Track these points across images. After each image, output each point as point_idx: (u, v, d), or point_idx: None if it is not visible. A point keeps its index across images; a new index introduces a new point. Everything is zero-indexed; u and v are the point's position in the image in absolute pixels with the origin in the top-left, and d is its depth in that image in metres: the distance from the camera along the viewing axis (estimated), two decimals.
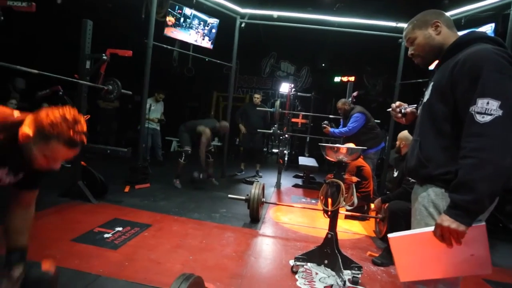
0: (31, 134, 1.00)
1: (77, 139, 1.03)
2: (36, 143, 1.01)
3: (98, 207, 3.08)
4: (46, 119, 0.99)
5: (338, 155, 2.03)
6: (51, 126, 0.99)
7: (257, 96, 5.32)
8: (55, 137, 1.00)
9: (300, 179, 5.72)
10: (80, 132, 1.04)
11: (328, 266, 2.15)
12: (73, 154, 1.07)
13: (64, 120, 1.00)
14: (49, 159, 1.04)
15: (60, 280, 1.78)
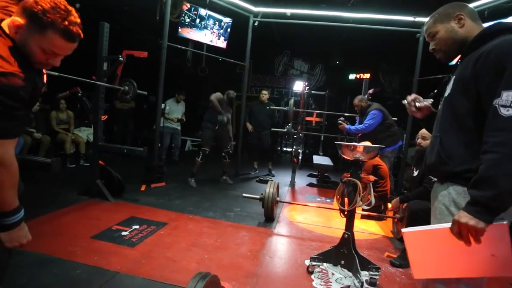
0: (23, 22, 0.91)
1: (74, 30, 0.95)
2: (31, 34, 0.92)
3: (115, 205, 3.15)
4: (36, 6, 0.90)
5: (355, 153, 1.98)
6: (42, 13, 0.90)
7: (265, 92, 5.27)
8: (50, 26, 0.91)
9: (314, 178, 5.66)
10: (75, 23, 0.96)
11: (345, 266, 2.11)
12: (71, 49, 1.00)
13: (55, 8, 0.92)
14: (48, 53, 0.96)
15: (81, 276, 1.84)
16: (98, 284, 1.76)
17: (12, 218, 0.97)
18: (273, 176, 5.22)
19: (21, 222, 1.01)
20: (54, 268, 1.88)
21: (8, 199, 0.95)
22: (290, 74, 9.49)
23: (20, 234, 1.01)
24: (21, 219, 1.00)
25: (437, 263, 0.97)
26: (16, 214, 0.98)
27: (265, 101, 5.24)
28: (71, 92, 3.73)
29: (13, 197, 0.97)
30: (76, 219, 2.69)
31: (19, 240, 1.01)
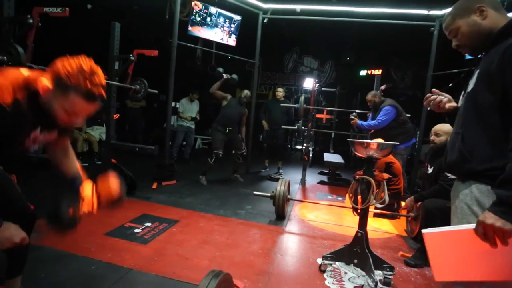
0: (50, 86, 0.98)
1: (95, 92, 1.00)
2: (56, 96, 0.99)
3: (128, 203, 3.19)
4: (62, 70, 0.96)
5: (368, 150, 1.94)
6: (68, 76, 0.95)
7: (280, 90, 5.21)
8: (73, 89, 0.97)
9: (325, 176, 5.60)
10: (98, 84, 1.00)
11: (358, 265, 2.08)
12: (93, 109, 1.04)
13: (80, 71, 0.97)
14: (70, 113, 1.02)
15: (96, 271, 1.87)
16: (112, 280, 1.78)
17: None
18: (281, 174, 5.19)
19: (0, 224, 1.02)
20: (70, 264, 1.92)
21: None
22: (300, 71, 9.42)
23: (5, 236, 1.02)
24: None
25: (459, 265, 0.94)
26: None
27: (281, 98, 5.19)
28: None
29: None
30: (89, 217, 2.73)
31: (9, 241, 1.03)
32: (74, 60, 0.98)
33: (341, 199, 4.08)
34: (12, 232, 1.04)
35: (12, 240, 1.04)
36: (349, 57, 8.58)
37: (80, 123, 1.13)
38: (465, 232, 0.90)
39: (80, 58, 1.00)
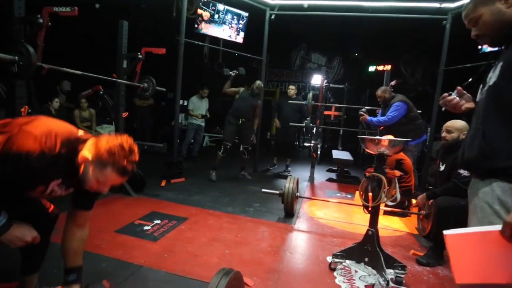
0: (90, 158, 1.05)
1: (129, 168, 1.08)
2: (92, 167, 1.06)
3: (137, 201, 3.22)
4: (105, 146, 1.04)
5: (379, 147, 1.91)
6: (109, 154, 1.04)
7: (292, 87, 5.15)
8: (111, 165, 1.05)
9: (334, 173, 5.56)
10: (133, 161, 1.09)
11: (369, 264, 2.05)
12: (122, 181, 1.13)
13: (121, 149, 1.05)
14: (101, 183, 1.10)
15: (107, 268, 1.89)
16: (123, 276, 1.80)
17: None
18: (289, 171, 5.16)
19: (9, 226, 1.06)
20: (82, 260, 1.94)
21: None
22: (307, 67, 9.34)
23: (16, 235, 1.07)
24: (4, 224, 1.05)
25: (482, 267, 0.90)
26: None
27: (293, 96, 5.14)
28: (93, 91, 3.83)
29: None
30: (100, 214, 2.76)
31: (20, 240, 1.08)
32: (116, 138, 1.07)
33: (350, 196, 4.04)
34: (22, 231, 1.08)
35: (24, 239, 1.08)
36: (357, 53, 8.47)
37: (106, 191, 1.19)
38: (491, 234, 0.87)
39: (122, 137, 1.09)
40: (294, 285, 1.88)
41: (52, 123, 1.09)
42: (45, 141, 0.99)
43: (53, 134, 1.03)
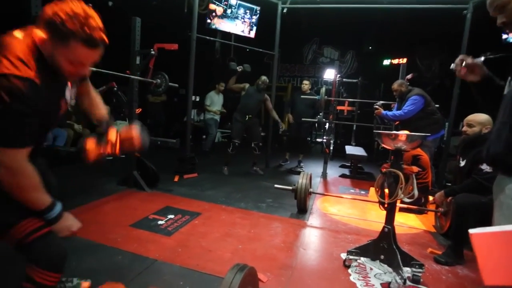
0: (46, 36, 0.90)
1: (96, 36, 0.92)
2: (55, 47, 0.92)
3: (151, 195, 3.26)
4: (54, 17, 0.87)
5: (396, 142, 1.85)
6: (62, 24, 0.87)
7: (306, 83, 5.06)
8: (71, 36, 0.89)
9: (347, 169, 5.48)
10: (96, 27, 0.92)
11: (385, 262, 2.00)
12: (97, 56, 0.98)
13: (74, 15, 0.88)
14: (75, 63, 0.96)
15: (123, 262, 1.92)
16: (138, 270, 1.82)
17: (50, 214, 1.02)
18: (301, 167, 5.12)
19: (62, 216, 1.06)
20: (98, 253, 1.99)
21: (35, 200, 0.99)
22: (320, 62, 9.20)
23: (66, 225, 1.07)
24: (59, 214, 1.05)
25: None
26: (52, 211, 1.02)
27: (307, 91, 5.06)
28: (108, 87, 3.89)
29: (39, 198, 1.00)
30: (115, 208, 2.82)
31: (68, 230, 1.08)
32: (63, 4, 0.89)
33: (364, 193, 3.97)
34: (71, 221, 1.09)
35: (71, 229, 1.08)
36: (372, 46, 8.27)
37: (88, 72, 1.10)
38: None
39: (70, 2, 0.90)
40: (308, 281, 1.86)
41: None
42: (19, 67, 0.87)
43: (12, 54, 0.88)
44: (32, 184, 0.96)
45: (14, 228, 0.98)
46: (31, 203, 0.98)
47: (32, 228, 0.99)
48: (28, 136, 0.93)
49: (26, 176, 0.94)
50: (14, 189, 0.94)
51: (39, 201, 0.99)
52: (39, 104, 0.92)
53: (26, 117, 0.90)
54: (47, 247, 1.02)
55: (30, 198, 0.97)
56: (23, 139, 0.92)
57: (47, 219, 1.02)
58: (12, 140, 0.90)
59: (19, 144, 0.91)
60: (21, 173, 0.93)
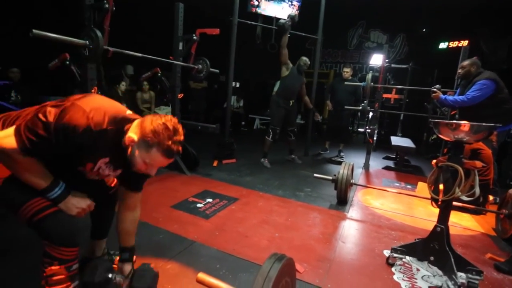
0: (136, 139, 1.06)
1: (174, 149, 1.06)
2: (139, 148, 1.07)
3: (191, 179, 3.36)
4: (150, 127, 1.04)
5: (456, 133, 1.64)
6: (153, 134, 1.03)
7: (347, 70, 4.76)
8: (156, 146, 1.04)
9: (391, 161, 5.14)
10: (178, 142, 1.07)
11: (435, 264, 1.83)
12: (168, 163, 1.11)
13: (165, 129, 1.04)
14: (147, 165, 1.10)
15: (164, 240, 2.00)
16: (178, 250, 1.88)
17: (51, 193, 1.09)
18: (342, 157, 4.90)
19: (66, 195, 1.12)
20: (141, 231, 2.07)
21: (31, 183, 1.06)
22: (365, 47, 8.65)
23: (72, 203, 1.14)
24: (62, 193, 1.11)
25: None
26: (52, 191, 1.09)
27: (348, 78, 4.77)
28: (152, 73, 4.02)
29: (34, 179, 1.07)
30: (158, 189, 2.95)
31: (75, 208, 1.14)
32: (160, 118, 1.06)
33: (411, 187, 3.69)
34: (78, 200, 1.16)
35: (79, 206, 1.15)
36: (425, 28, 7.53)
37: (153, 174, 1.20)
38: None
39: (166, 117, 1.08)
40: (347, 276, 1.78)
41: (102, 100, 1.10)
42: (93, 116, 1.01)
43: (102, 110, 1.04)
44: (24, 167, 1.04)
45: (21, 208, 1.07)
46: (31, 184, 1.07)
47: (38, 208, 1.07)
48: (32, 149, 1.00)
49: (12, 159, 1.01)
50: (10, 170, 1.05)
51: (35, 182, 1.07)
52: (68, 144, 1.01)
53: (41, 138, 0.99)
54: (55, 225, 1.09)
55: (27, 180, 1.06)
56: (25, 144, 0.99)
57: (51, 197, 1.10)
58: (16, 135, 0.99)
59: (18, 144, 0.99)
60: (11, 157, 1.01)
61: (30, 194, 1.07)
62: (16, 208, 1.07)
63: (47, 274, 1.09)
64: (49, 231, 1.07)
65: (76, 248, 1.14)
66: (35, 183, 1.06)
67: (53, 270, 1.09)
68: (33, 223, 1.07)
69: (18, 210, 1.07)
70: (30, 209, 1.06)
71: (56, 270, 1.09)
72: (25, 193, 1.07)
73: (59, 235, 1.08)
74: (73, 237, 1.12)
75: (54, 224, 1.08)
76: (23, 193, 1.07)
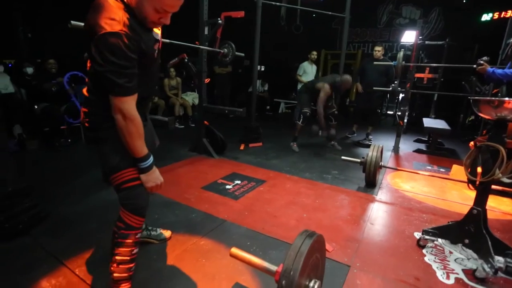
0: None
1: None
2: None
3: (219, 162, 3.45)
4: None
5: (500, 111, 1.54)
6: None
7: (378, 49, 4.54)
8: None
9: (423, 144, 4.93)
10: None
11: (469, 246, 1.78)
12: (179, 5, 1.06)
13: None
14: (160, 11, 1.05)
15: (196, 219, 2.11)
16: (210, 228, 1.98)
17: (145, 163, 1.17)
18: (370, 140, 4.76)
19: (152, 167, 1.20)
20: (176, 210, 2.22)
21: (138, 147, 1.13)
22: (396, 24, 8.14)
23: (154, 176, 1.22)
24: (151, 164, 1.19)
25: None
26: (146, 160, 1.17)
27: (379, 58, 4.55)
28: (179, 59, 4.10)
29: (141, 146, 1.14)
30: (188, 172, 3.07)
31: (154, 181, 1.22)
32: None
33: (444, 170, 3.54)
34: (157, 175, 1.23)
35: (157, 181, 1.23)
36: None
37: (168, 22, 1.13)
38: None
39: None
40: (376, 256, 1.78)
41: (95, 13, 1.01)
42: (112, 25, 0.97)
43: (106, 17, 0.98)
44: (138, 132, 1.10)
45: (118, 173, 1.18)
46: (135, 149, 1.13)
47: (128, 178, 1.19)
48: (133, 85, 1.06)
49: (135, 124, 1.09)
50: (126, 135, 1.09)
51: (141, 148, 1.14)
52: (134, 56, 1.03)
53: (126, 69, 1.02)
54: (135, 195, 1.21)
55: (135, 145, 1.12)
56: (130, 88, 1.05)
57: (141, 167, 1.17)
58: (123, 90, 1.04)
59: (129, 93, 1.05)
60: (131, 119, 1.07)
61: (127, 163, 1.17)
62: (113, 172, 1.18)
63: (119, 236, 1.23)
64: (131, 199, 1.20)
65: (144, 219, 1.27)
66: (140, 150, 1.13)
67: (125, 234, 1.22)
68: (121, 189, 1.19)
69: (114, 174, 1.18)
70: (123, 177, 1.18)
71: (127, 235, 1.23)
72: (124, 161, 1.17)
73: (137, 205, 1.21)
74: (145, 209, 1.26)
75: (136, 195, 1.20)
76: (123, 161, 1.17)
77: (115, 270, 1.26)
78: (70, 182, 2.67)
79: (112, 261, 1.26)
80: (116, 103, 1.05)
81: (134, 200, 1.22)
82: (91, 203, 2.28)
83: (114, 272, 1.26)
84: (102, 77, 1.02)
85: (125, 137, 1.09)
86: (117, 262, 1.25)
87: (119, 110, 1.05)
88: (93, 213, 2.12)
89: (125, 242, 1.23)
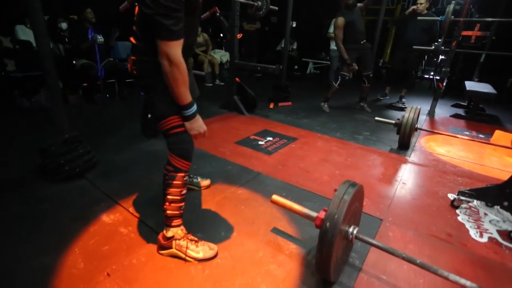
0: None
1: None
2: None
3: (250, 119, 3.50)
4: None
5: None
6: None
7: (421, 1, 4.08)
8: None
9: (462, 109, 4.67)
10: None
11: (508, 209, 1.77)
12: None
13: None
14: None
15: (232, 171, 2.21)
16: (246, 179, 2.09)
17: (188, 110, 1.22)
18: (403, 103, 4.56)
19: (196, 115, 1.25)
20: (212, 162, 2.33)
21: (182, 94, 1.16)
22: None
23: (197, 124, 1.27)
24: (195, 112, 1.24)
25: None
26: (190, 108, 1.21)
27: (423, 11, 4.10)
28: (211, 13, 3.98)
29: (186, 93, 1.17)
30: (221, 127, 3.16)
31: (197, 129, 1.28)
32: None
33: (484, 136, 3.39)
34: (200, 123, 1.29)
35: (201, 129, 1.29)
36: None
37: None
38: None
39: None
40: (408, 213, 1.82)
41: None
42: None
43: None
44: (183, 78, 1.14)
45: (166, 119, 1.24)
46: (180, 96, 1.17)
47: (176, 124, 1.25)
48: (180, 29, 1.07)
49: (181, 70, 1.11)
50: (171, 80, 1.12)
51: (185, 96, 1.18)
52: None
53: (175, 12, 1.03)
54: (181, 140, 1.28)
55: (180, 91, 1.16)
56: (177, 32, 1.07)
57: (186, 114, 1.23)
58: (171, 34, 1.05)
59: (176, 37, 1.07)
60: (177, 65, 1.10)
61: (173, 111, 1.24)
62: (162, 118, 1.26)
63: (169, 178, 1.33)
64: (178, 144, 1.29)
65: (190, 162, 1.36)
66: (184, 97, 1.18)
67: (173, 176, 1.32)
68: (169, 135, 1.27)
69: (162, 120, 1.26)
70: (170, 123, 1.25)
71: (176, 177, 1.33)
72: (171, 108, 1.23)
73: (184, 149, 1.30)
74: (191, 153, 1.34)
75: (183, 140, 1.29)
76: (170, 108, 1.23)
77: (167, 208, 1.39)
78: (113, 134, 2.85)
79: (165, 200, 1.39)
80: (162, 48, 1.07)
81: (181, 145, 1.29)
82: (134, 152, 2.44)
83: (167, 210, 1.39)
84: (150, 20, 1.04)
85: (170, 83, 1.13)
86: (169, 201, 1.38)
87: (166, 55, 1.07)
88: (138, 161, 2.29)
89: (174, 183, 1.34)
